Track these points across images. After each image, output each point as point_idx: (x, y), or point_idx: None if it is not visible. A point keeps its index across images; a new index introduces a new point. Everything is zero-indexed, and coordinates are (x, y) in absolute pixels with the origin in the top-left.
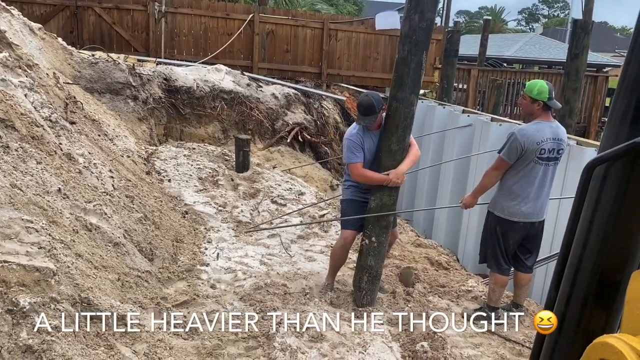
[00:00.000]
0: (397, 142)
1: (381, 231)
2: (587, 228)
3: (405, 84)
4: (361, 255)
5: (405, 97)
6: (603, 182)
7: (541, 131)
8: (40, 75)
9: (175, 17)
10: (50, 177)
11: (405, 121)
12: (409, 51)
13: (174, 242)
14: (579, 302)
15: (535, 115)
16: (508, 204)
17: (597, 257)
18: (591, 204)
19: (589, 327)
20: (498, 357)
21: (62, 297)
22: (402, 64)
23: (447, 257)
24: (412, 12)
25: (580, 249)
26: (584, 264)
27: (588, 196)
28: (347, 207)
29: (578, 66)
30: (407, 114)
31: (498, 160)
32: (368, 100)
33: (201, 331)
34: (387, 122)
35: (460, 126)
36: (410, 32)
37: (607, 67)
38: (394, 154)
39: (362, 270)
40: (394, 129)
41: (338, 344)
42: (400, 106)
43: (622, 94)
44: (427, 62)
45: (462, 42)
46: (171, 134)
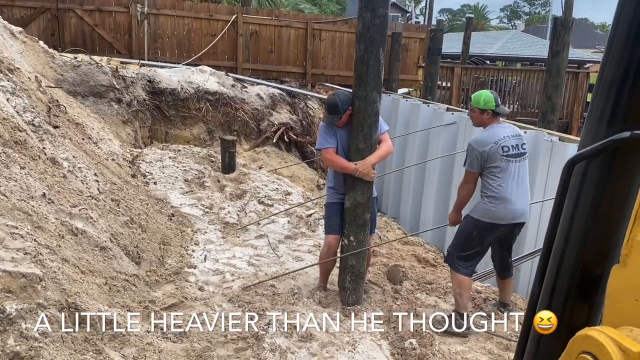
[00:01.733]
0: (364, 140)
1: (359, 230)
2: (568, 224)
3: (366, 82)
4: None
5: (367, 95)
6: (583, 178)
7: (494, 133)
8: (22, 79)
9: (158, 19)
10: (35, 182)
11: (370, 119)
12: (366, 49)
13: (161, 244)
14: (562, 296)
15: (486, 124)
16: (492, 208)
17: (578, 252)
18: (572, 200)
19: (572, 320)
20: (486, 352)
21: (49, 303)
22: (360, 63)
23: (434, 254)
24: (364, 10)
25: (562, 244)
26: (566, 259)
27: (569, 192)
28: (327, 210)
29: (559, 63)
30: (371, 111)
31: (466, 173)
32: (333, 100)
33: (190, 334)
34: (352, 122)
35: (445, 124)
36: (364, 31)
37: (588, 63)
38: (362, 152)
39: (345, 271)
40: (359, 127)
41: (327, 343)
42: (362, 104)
43: (600, 94)
44: (410, 60)
45: (445, 40)
46: (156, 136)
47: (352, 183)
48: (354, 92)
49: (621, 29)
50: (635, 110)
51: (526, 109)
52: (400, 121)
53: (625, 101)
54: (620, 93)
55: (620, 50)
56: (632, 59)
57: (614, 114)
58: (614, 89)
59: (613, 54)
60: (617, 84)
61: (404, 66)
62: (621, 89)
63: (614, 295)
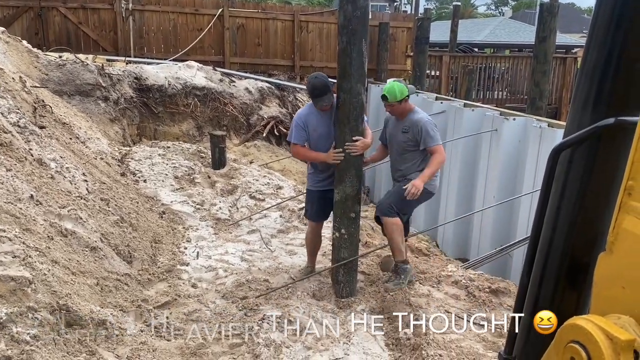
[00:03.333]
0: (351, 133)
1: (349, 223)
2: (555, 212)
3: (350, 74)
4: (334, 249)
5: (352, 87)
6: (569, 166)
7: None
8: (6, 79)
9: (144, 15)
10: (22, 183)
11: (356, 111)
12: (348, 41)
13: (153, 243)
14: (550, 285)
15: (409, 109)
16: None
17: (566, 240)
18: (558, 188)
19: (561, 309)
20: (480, 339)
21: (40, 306)
22: (343, 55)
23: (427, 244)
24: (345, 2)
25: (549, 232)
26: (554, 247)
27: (555, 180)
28: (307, 197)
29: (546, 49)
30: (356, 103)
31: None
32: (321, 80)
33: (184, 331)
34: (337, 115)
35: (434, 113)
36: (345, 23)
37: (575, 47)
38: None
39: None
40: (345, 120)
41: (322, 336)
42: (348, 97)
43: (583, 80)
44: (398, 50)
45: (433, 28)
46: (145, 133)
47: (340, 176)
48: (338, 85)
49: (604, 11)
50: (620, 95)
51: (515, 95)
52: None
53: (609, 86)
54: (604, 78)
55: (603, 33)
56: (615, 42)
57: (598, 99)
58: (598, 73)
59: (596, 37)
60: (600, 69)
61: (392, 56)
62: (605, 73)
63: (601, 283)
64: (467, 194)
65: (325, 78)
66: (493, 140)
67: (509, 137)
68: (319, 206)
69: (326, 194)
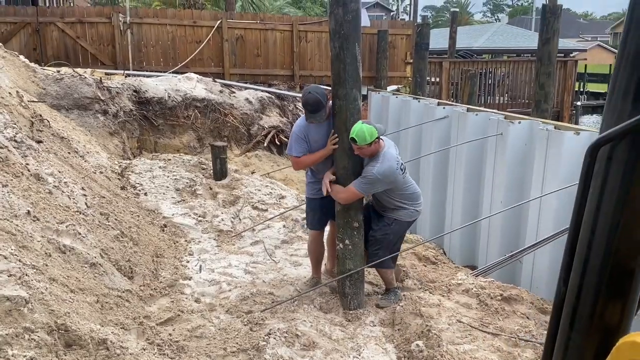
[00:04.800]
0: (349, 140)
1: (353, 233)
2: (594, 213)
3: (345, 80)
4: (339, 260)
5: (347, 93)
6: (608, 163)
7: (392, 157)
8: (2, 94)
9: (142, 28)
10: (18, 199)
11: (353, 117)
12: (341, 46)
13: (154, 257)
14: (591, 294)
15: (378, 150)
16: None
17: (607, 244)
18: (597, 188)
19: (604, 320)
20: (494, 350)
21: (37, 326)
22: (336, 61)
23: (434, 252)
24: (336, 6)
25: (588, 235)
26: (594, 252)
27: (593, 179)
28: (307, 205)
29: (550, 50)
30: (353, 109)
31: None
32: (314, 97)
33: (188, 348)
34: (334, 122)
35: (437, 119)
36: (337, 27)
37: (573, 51)
38: (348, 152)
39: (344, 276)
40: (342, 127)
41: (331, 350)
42: (344, 103)
43: (623, 68)
44: (397, 58)
45: (431, 36)
46: (145, 146)
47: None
48: (333, 92)
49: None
50: None
51: (516, 100)
52: (392, 118)
53: None
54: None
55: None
56: None
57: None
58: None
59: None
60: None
61: (391, 63)
62: None
63: None
64: (473, 200)
65: (320, 93)
66: (498, 145)
67: (514, 140)
68: (321, 213)
69: (328, 201)
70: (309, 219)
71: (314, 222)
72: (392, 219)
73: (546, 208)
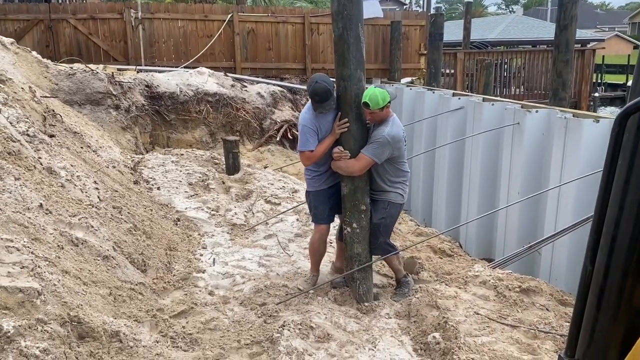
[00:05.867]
0: (355, 121)
1: (360, 216)
2: (622, 188)
3: (349, 61)
4: (347, 245)
5: (352, 74)
6: (638, 132)
7: (400, 125)
8: (15, 89)
9: (153, 23)
10: (31, 192)
11: (358, 98)
12: (344, 27)
13: (167, 250)
14: (618, 273)
15: (388, 115)
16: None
17: (637, 219)
18: (626, 160)
19: (633, 301)
20: (513, 342)
21: (50, 318)
22: (340, 42)
23: (450, 244)
24: None
25: (616, 212)
26: (622, 230)
27: (622, 151)
28: (314, 200)
29: (568, 37)
30: (358, 90)
31: (368, 160)
32: (322, 86)
33: (202, 341)
34: (339, 104)
35: (452, 109)
36: (340, 8)
37: (591, 42)
38: (354, 134)
39: (352, 260)
40: (348, 108)
41: (346, 342)
42: (349, 84)
43: None
44: (411, 49)
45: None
46: (157, 141)
47: None
48: (337, 73)
49: None
50: None
51: (532, 91)
52: (406, 110)
53: None
54: None
55: None
56: None
57: None
58: None
59: None
60: None
61: (405, 55)
62: None
63: None
64: (489, 191)
65: (328, 82)
66: (515, 134)
67: (532, 130)
68: (329, 205)
69: (334, 190)
70: (318, 213)
71: (324, 217)
72: (387, 201)
73: (565, 198)
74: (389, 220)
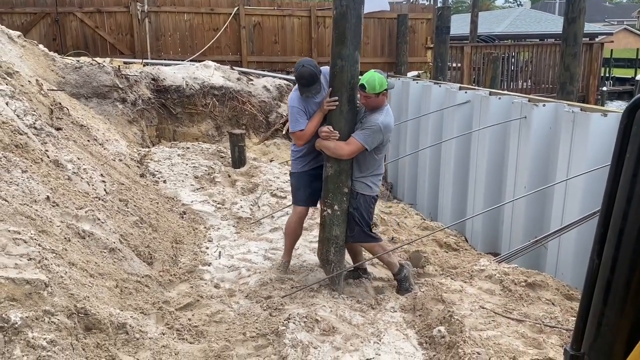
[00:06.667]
0: (348, 102)
1: (343, 198)
2: (630, 181)
3: (348, 40)
4: (324, 227)
5: (350, 54)
6: None
7: (392, 115)
8: (22, 82)
9: (159, 16)
10: (37, 185)
11: (353, 79)
12: (348, 5)
13: (173, 243)
14: (626, 266)
15: (382, 104)
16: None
17: None
18: (634, 152)
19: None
20: (519, 336)
21: (57, 309)
22: (342, 20)
23: (456, 238)
24: None
25: (624, 204)
26: (630, 222)
27: (630, 143)
28: (295, 181)
29: (576, 30)
30: (354, 72)
31: (359, 146)
32: (309, 70)
33: (207, 333)
34: (333, 83)
35: (458, 103)
36: None
37: (599, 35)
38: (345, 115)
39: (329, 242)
40: (342, 88)
41: (351, 335)
42: (346, 64)
43: None
44: (417, 42)
45: (451, 21)
46: (164, 135)
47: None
48: (335, 52)
49: None
50: None
51: (539, 85)
52: (412, 104)
53: None
54: None
55: None
56: None
57: None
58: None
59: None
60: None
61: (411, 48)
62: None
63: None
64: (495, 185)
65: (314, 66)
66: (522, 128)
67: (539, 124)
68: (311, 188)
69: (317, 173)
70: (298, 195)
71: (304, 198)
72: (356, 192)
73: (572, 192)
74: (362, 210)
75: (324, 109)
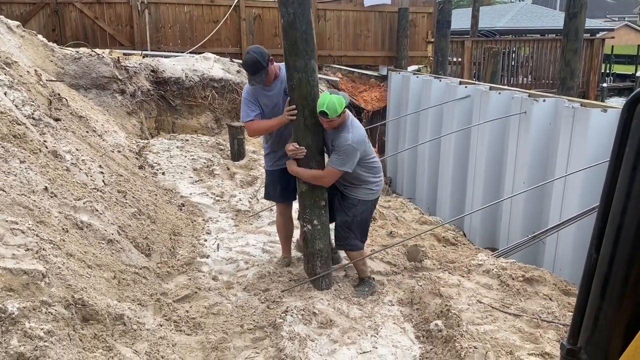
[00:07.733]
0: (311, 115)
1: (321, 212)
2: (629, 175)
3: (303, 50)
4: (307, 242)
5: (306, 64)
6: None
7: (359, 125)
8: (21, 73)
9: (159, 8)
10: (36, 175)
11: (314, 90)
12: (295, 13)
13: (172, 235)
14: (623, 262)
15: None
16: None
17: None
18: (634, 147)
19: (637, 290)
20: (516, 331)
21: (54, 300)
22: (291, 29)
23: (454, 233)
24: None
25: (623, 199)
26: (628, 216)
27: (630, 138)
28: (265, 177)
29: (577, 25)
30: (313, 82)
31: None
32: (251, 57)
33: (205, 325)
34: (293, 97)
35: (459, 98)
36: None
37: (600, 31)
38: (311, 128)
39: (314, 257)
40: (304, 102)
41: (348, 328)
42: (303, 76)
43: None
44: (418, 37)
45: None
46: (163, 126)
47: (306, 164)
48: (289, 64)
49: None
50: None
51: (540, 80)
52: (412, 98)
53: None
54: None
55: None
56: None
57: None
58: None
59: None
60: None
61: (412, 43)
62: None
63: None
64: (495, 181)
65: (259, 53)
66: (522, 123)
67: (539, 119)
68: (282, 185)
69: (285, 172)
70: (270, 191)
71: (277, 195)
72: (357, 199)
73: (571, 188)
74: (360, 217)
75: (285, 117)
